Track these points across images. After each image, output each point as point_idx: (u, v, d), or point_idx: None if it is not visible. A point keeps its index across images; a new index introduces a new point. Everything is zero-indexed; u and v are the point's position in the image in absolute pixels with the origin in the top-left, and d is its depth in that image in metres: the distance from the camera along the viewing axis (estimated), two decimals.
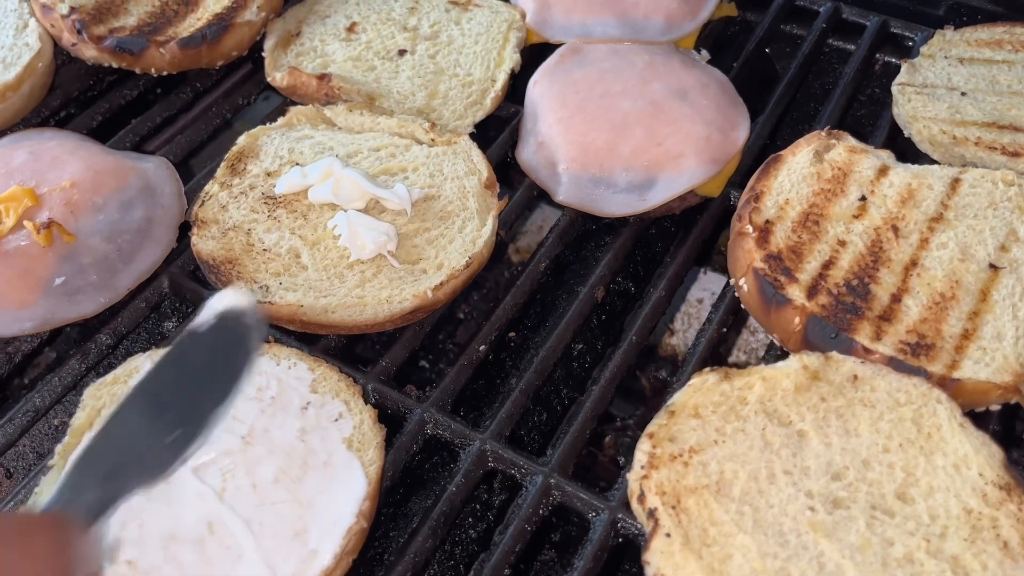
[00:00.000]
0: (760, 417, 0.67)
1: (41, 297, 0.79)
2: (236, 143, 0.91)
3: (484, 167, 0.88)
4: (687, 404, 0.68)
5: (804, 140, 0.87)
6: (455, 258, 0.80)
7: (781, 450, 0.65)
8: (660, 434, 0.66)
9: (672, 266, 0.87)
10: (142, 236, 0.84)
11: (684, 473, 0.64)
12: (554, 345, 0.82)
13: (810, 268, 0.77)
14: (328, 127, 0.93)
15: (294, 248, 0.82)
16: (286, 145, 0.90)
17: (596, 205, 0.89)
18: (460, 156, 0.89)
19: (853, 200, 0.82)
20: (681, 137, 0.89)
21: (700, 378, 0.70)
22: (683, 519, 0.62)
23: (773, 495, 0.63)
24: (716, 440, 0.66)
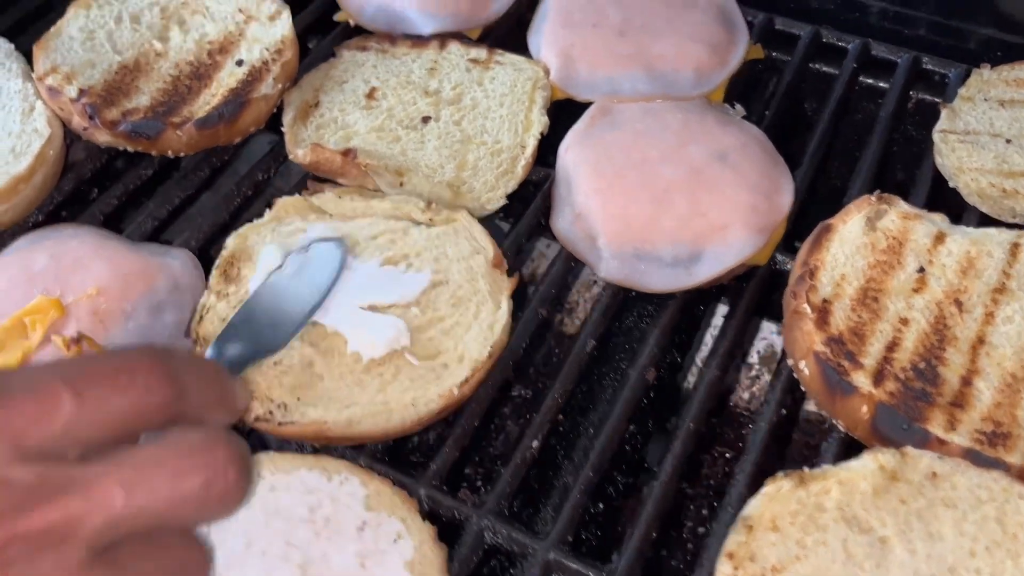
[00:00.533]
0: (840, 526, 0.65)
1: None
2: (225, 246, 0.87)
3: (488, 244, 0.85)
4: (764, 516, 0.66)
5: (854, 206, 0.85)
6: (476, 348, 0.78)
7: (865, 562, 0.63)
8: (740, 553, 0.64)
9: (723, 342, 0.85)
10: (173, 341, 0.81)
11: None
12: (609, 437, 0.79)
13: (874, 351, 0.75)
14: (319, 216, 0.89)
15: (305, 357, 0.78)
16: (278, 242, 0.86)
17: (640, 281, 0.86)
18: (462, 235, 0.86)
19: (911, 272, 0.79)
20: (725, 206, 0.86)
21: (774, 485, 0.67)
22: None
23: None
24: (798, 555, 0.63)
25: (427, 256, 0.84)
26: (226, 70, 1.01)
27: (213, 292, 0.83)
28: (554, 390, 0.82)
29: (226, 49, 1.03)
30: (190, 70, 1.01)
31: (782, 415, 0.80)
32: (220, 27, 1.05)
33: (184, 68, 1.01)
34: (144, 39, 1.04)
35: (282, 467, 0.74)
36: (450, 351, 0.78)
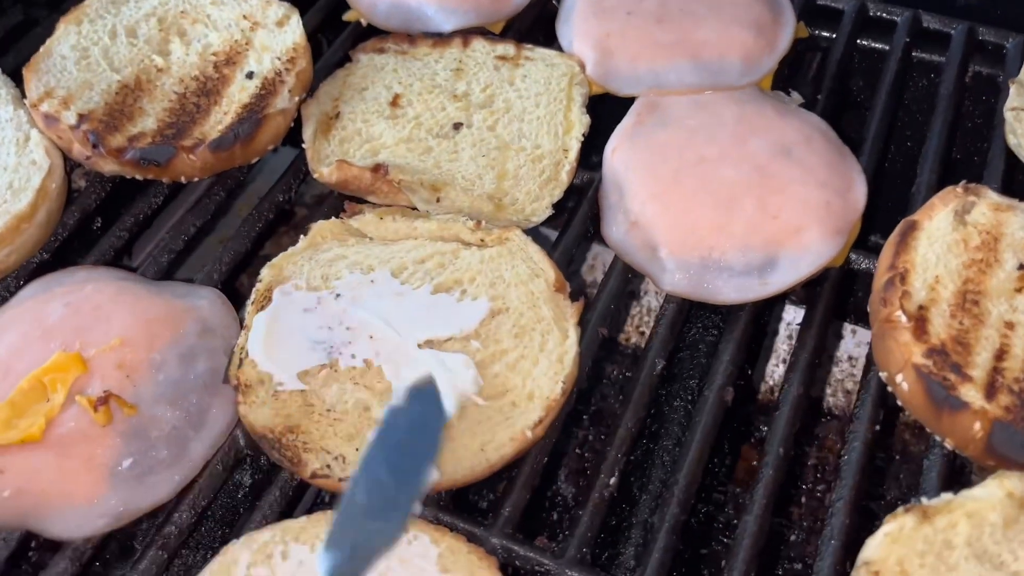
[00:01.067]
0: (972, 564, 0.59)
1: (110, 487, 0.68)
2: (260, 278, 0.79)
3: (548, 266, 0.77)
4: (889, 560, 0.59)
5: (939, 200, 0.78)
6: (546, 385, 0.71)
7: None
8: None
9: (803, 354, 0.78)
10: (209, 394, 0.74)
11: None
12: (693, 470, 0.72)
13: (981, 361, 0.68)
14: (358, 240, 0.82)
15: (361, 401, 0.71)
16: (318, 271, 0.78)
17: (710, 293, 0.80)
18: (518, 256, 0.78)
19: (1011, 270, 0.73)
20: (798, 206, 0.79)
21: (896, 523, 0.61)
22: None
23: None
24: None
25: (482, 281, 0.77)
26: (236, 84, 0.92)
27: (248, 329, 0.76)
28: (626, 419, 0.75)
29: (233, 60, 0.95)
30: (196, 86, 0.93)
31: (876, 432, 0.74)
32: (224, 36, 0.97)
33: (190, 84, 0.93)
34: (143, 54, 0.95)
35: None
36: (518, 388, 0.71)
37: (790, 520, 1.04)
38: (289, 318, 0.76)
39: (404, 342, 0.73)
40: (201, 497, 0.73)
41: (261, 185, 0.95)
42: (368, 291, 0.77)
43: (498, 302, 0.76)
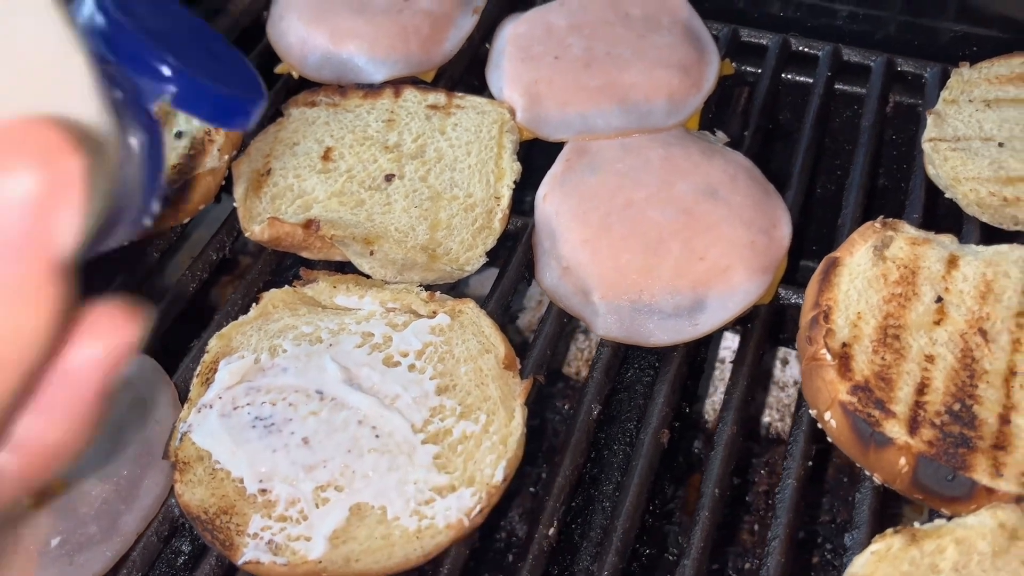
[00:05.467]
0: None
1: (39, 568, 0.67)
2: (207, 349, 0.78)
3: (499, 341, 0.77)
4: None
5: (859, 236, 0.80)
6: (488, 469, 0.70)
7: None
8: None
9: (736, 392, 0.79)
10: (141, 466, 0.73)
11: None
12: (631, 516, 0.73)
13: (904, 396, 0.70)
14: (310, 310, 0.81)
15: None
16: (266, 343, 0.78)
17: (642, 336, 0.80)
18: (469, 329, 0.78)
19: (929, 303, 0.75)
20: (724, 247, 0.81)
21: (883, 543, 0.62)
22: None
23: None
24: None
25: (432, 355, 0.77)
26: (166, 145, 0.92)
27: (193, 405, 0.75)
28: (564, 467, 0.75)
29: (163, 121, 0.94)
30: None
31: (809, 468, 0.75)
32: None
33: None
34: None
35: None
36: (459, 472, 0.70)
37: (744, 548, 1.05)
38: (232, 393, 0.75)
39: (347, 418, 0.72)
40: (136, 570, 0.71)
41: (196, 245, 0.94)
42: (314, 365, 0.76)
43: (445, 379, 0.75)
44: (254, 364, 0.76)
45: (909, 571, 0.61)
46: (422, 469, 0.71)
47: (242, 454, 0.71)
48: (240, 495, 0.70)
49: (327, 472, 0.71)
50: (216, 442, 0.72)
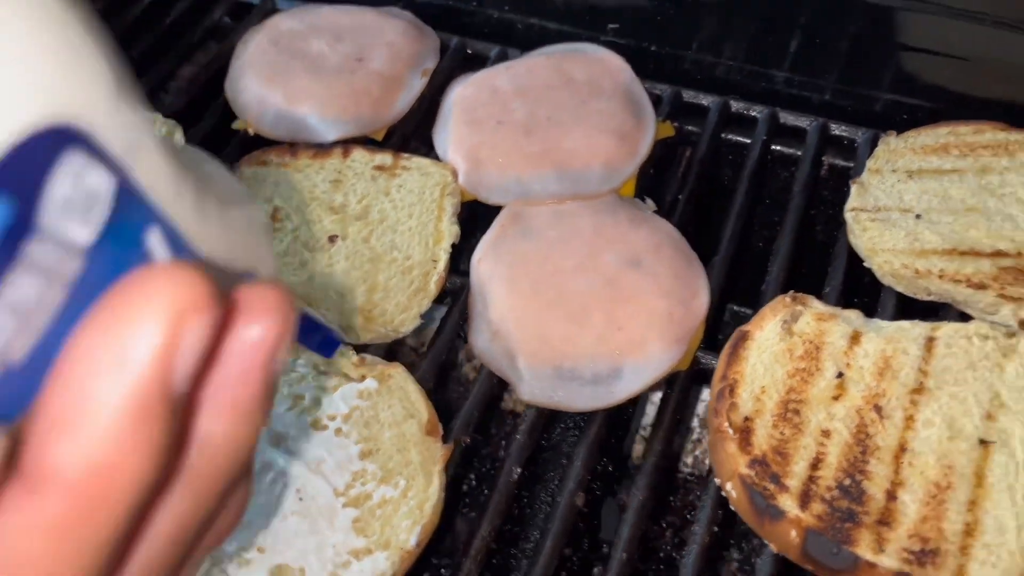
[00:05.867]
0: None
1: None
2: None
3: (423, 407, 0.81)
4: None
5: (769, 310, 0.84)
6: (403, 535, 0.73)
7: None
8: None
9: (651, 457, 0.83)
10: None
11: None
12: (546, 565, 0.77)
13: (798, 471, 0.74)
14: None
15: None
16: None
17: (563, 401, 0.84)
18: (396, 395, 0.82)
19: (830, 379, 0.79)
20: (642, 318, 0.85)
21: None
22: None
23: None
24: None
25: (357, 420, 0.80)
26: None
27: None
28: (482, 528, 0.79)
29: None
30: None
31: (714, 533, 0.78)
32: None
33: None
34: None
35: None
36: (376, 536, 0.74)
37: None
38: None
39: (273, 480, 0.76)
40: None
41: None
42: None
43: (369, 443, 0.79)
44: None
45: None
46: (341, 532, 0.74)
47: None
48: None
49: (250, 533, 0.74)
50: None
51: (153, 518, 0.33)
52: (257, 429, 0.33)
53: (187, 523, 0.34)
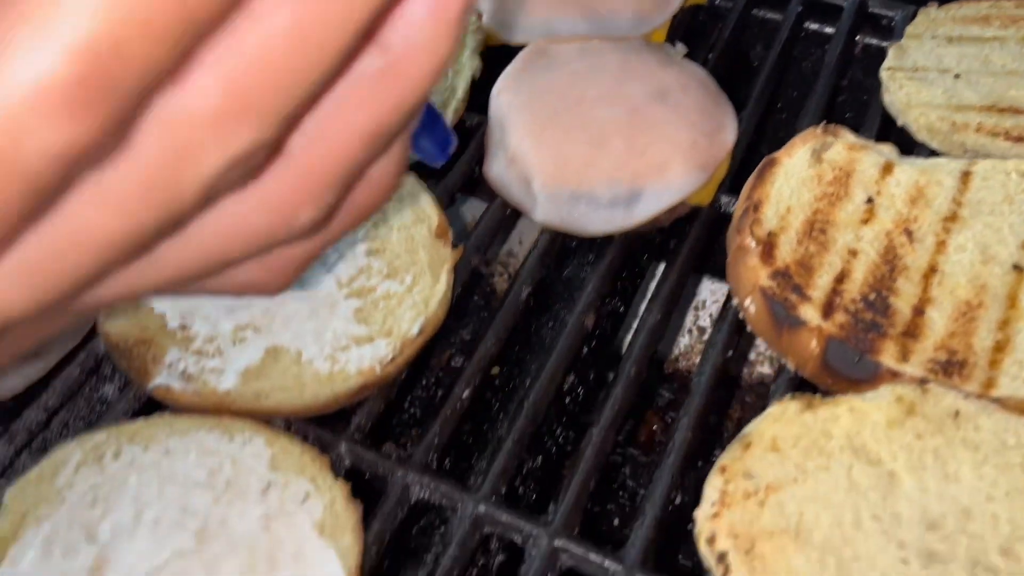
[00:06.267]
0: (846, 454, 0.60)
1: None
2: None
3: (434, 212, 0.79)
4: (764, 435, 0.61)
5: (799, 139, 0.80)
6: (406, 325, 0.71)
7: (869, 492, 0.58)
8: (734, 468, 0.60)
9: (667, 284, 0.80)
10: None
11: (759, 514, 0.57)
12: (545, 386, 0.73)
13: (822, 283, 0.70)
14: None
15: (209, 319, 0.71)
16: None
17: (577, 224, 0.81)
18: (407, 201, 0.80)
19: (859, 203, 0.75)
20: (665, 145, 0.81)
21: (780, 407, 0.63)
22: (757, 566, 0.55)
23: (860, 544, 0.56)
24: (796, 478, 0.59)
25: (365, 222, 0.78)
26: None
27: None
28: (487, 339, 0.76)
29: None
30: None
31: (728, 357, 0.75)
32: None
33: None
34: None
35: (179, 429, 0.67)
36: (378, 325, 0.71)
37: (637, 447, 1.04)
38: None
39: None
40: (52, 398, 0.73)
41: None
42: None
43: (376, 243, 0.77)
44: None
45: (801, 433, 0.61)
46: (342, 320, 0.71)
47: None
48: (160, 329, 0.71)
49: (248, 314, 0.72)
50: None
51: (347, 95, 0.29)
52: (455, 44, 0.29)
53: (383, 118, 0.29)
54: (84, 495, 0.63)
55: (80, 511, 0.62)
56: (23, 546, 0.61)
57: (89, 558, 0.60)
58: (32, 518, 0.62)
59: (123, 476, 0.64)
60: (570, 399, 0.81)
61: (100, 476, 0.64)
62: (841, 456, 0.60)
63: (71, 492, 0.64)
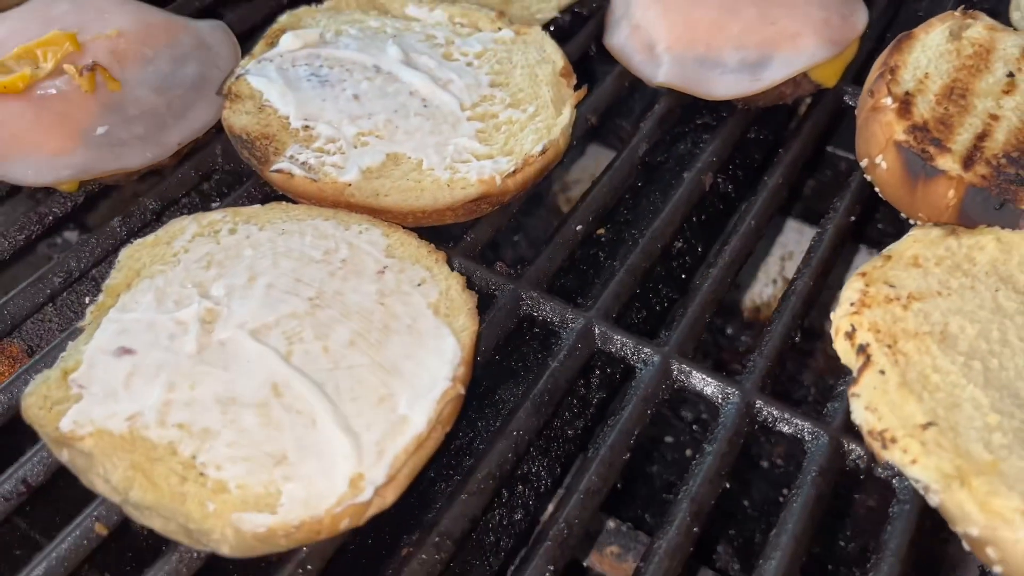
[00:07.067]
0: (992, 279, 0.58)
1: (81, 146, 0.69)
2: (277, 20, 0.81)
3: (559, 56, 0.78)
4: (905, 253, 0.60)
5: (937, 19, 0.79)
6: (528, 144, 0.70)
7: (1016, 316, 0.56)
8: (874, 275, 0.58)
9: (790, 153, 0.78)
10: (195, 93, 0.74)
11: (902, 316, 0.55)
12: (662, 228, 0.72)
13: (962, 139, 0.68)
14: (380, 13, 0.84)
15: (336, 123, 0.71)
16: (332, 26, 0.80)
17: (702, 86, 0.80)
18: (532, 45, 0.79)
19: (1000, 76, 0.73)
20: (798, 16, 0.80)
21: (922, 230, 0.61)
22: (900, 360, 0.53)
23: (1007, 358, 0.53)
24: (940, 292, 0.57)
25: (489, 58, 0.78)
26: None
27: (255, 57, 0.77)
28: (602, 183, 0.75)
29: None
30: None
31: (851, 223, 0.73)
32: None
33: None
34: None
35: (295, 215, 0.67)
36: (500, 145, 0.71)
37: None
38: (294, 55, 0.77)
39: (399, 89, 0.73)
40: (169, 190, 0.73)
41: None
42: (375, 46, 0.78)
43: (500, 76, 0.76)
44: (319, 37, 0.78)
45: (944, 255, 0.59)
46: (464, 138, 0.71)
47: (292, 97, 0.72)
48: (283, 128, 0.71)
49: (371, 123, 0.71)
50: (270, 84, 0.73)
51: None
52: None
53: None
54: (199, 259, 0.63)
55: (194, 271, 0.62)
56: (136, 294, 0.60)
57: (201, 309, 0.59)
58: (146, 273, 0.62)
59: (238, 247, 0.64)
60: (678, 264, 0.79)
61: (215, 246, 0.64)
62: (987, 280, 0.58)
63: (186, 256, 0.63)
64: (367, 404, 0.55)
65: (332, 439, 0.53)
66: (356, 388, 0.56)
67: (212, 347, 0.57)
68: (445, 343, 0.58)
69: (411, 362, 0.57)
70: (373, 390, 0.56)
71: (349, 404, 0.55)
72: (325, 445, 0.53)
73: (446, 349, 0.58)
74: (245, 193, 0.73)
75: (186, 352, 0.57)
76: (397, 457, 0.52)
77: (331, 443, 0.53)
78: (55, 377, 0.56)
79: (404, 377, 0.56)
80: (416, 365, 0.57)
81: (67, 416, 0.53)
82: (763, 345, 0.63)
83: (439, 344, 0.58)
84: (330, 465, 0.52)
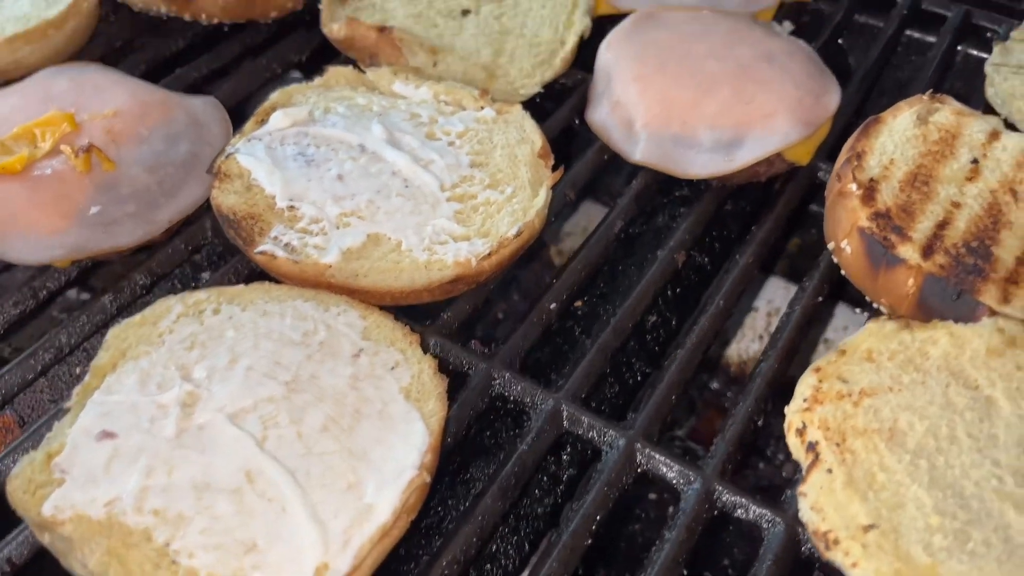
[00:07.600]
0: (943, 374, 0.60)
1: (75, 225, 0.72)
2: (268, 98, 0.84)
3: (538, 137, 0.81)
4: (860, 347, 0.61)
5: (905, 103, 0.81)
6: (504, 226, 0.72)
7: (966, 412, 0.58)
8: (828, 370, 0.60)
9: (760, 232, 0.80)
10: (186, 171, 0.77)
11: (853, 413, 0.57)
12: (633, 306, 0.74)
13: (923, 227, 0.70)
14: (368, 90, 0.87)
15: (319, 203, 0.74)
16: (321, 103, 0.83)
17: (677, 165, 0.82)
18: (512, 125, 0.82)
19: (964, 163, 0.75)
20: (772, 96, 0.83)
21: (876, 323, 0.63)
22: (847, 458, 0.54)
23: (954, 456, 0.55)
24: (891, 387, 0.59)
25: (471, 138, 0.80)
26: None
27: (245, 135, 0.80)
28: (576, 259, 0.77)
29: None
30: None
31: (818, 303, 0.75)
32: None
33: None
34: None
35: (276, 296, 0.69)
36: (477, 226, 0.73)
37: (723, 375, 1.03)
38: (283, 133, 0.80)
39: (382, 169, 0.76)
40: (159, 266, 0.76)
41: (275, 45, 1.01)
42: (361, 125, 0.81)
43: (480, 157, 0.79)
44: (308, 115, 0.81)
45: (897, 349, 0.61)
46: (443, 218, 0.73)
47: (279, 176, 0.75)
48: (269, 208, 0.74)
49: (353, 203, 0.74)
50: (258, 164, 0.76)
51: None
52: None
53: None
54: (183, 340, 0.65)
55: (178, 353, 0.64)
56: (120, 375, 0.63)
57: (182, 393, 0.61)
58: (132, 354, 0.64)
59: (221, 329, 0.66)
60: (651, 337, 0.81)
61: (199, 327, 0.66)
62: (938, 375, 0.59)
63: (171, 337, 0.66)
64: (335, 491, 0.57)
65: (300, 527, 0.55)
66: (326, 475, 0.58)
67: (191, 431, 0.60)
68: (414, 428, 0.60)
69: (381, 447, 0.60)
70: (342, 476, 0.58)
71: (318, 491, 0.57)
72: (293, 533, 0.55)
73: (415, 434, 0.60)
74: (232, 269, 0.75)
75: (165, 436, 0.59)
76: (362, 546, 0.54)
77: (299, 531, 0.55)
78: (39, 460, 0.58)
79: (373, 463, 0.59)
80: (386, 450, 0.59)
81: (49, 500, 0.56)
82: (726, 429, 0.65)
83: (408, 428, 0.60)
84: (297, 553, 0.54)
